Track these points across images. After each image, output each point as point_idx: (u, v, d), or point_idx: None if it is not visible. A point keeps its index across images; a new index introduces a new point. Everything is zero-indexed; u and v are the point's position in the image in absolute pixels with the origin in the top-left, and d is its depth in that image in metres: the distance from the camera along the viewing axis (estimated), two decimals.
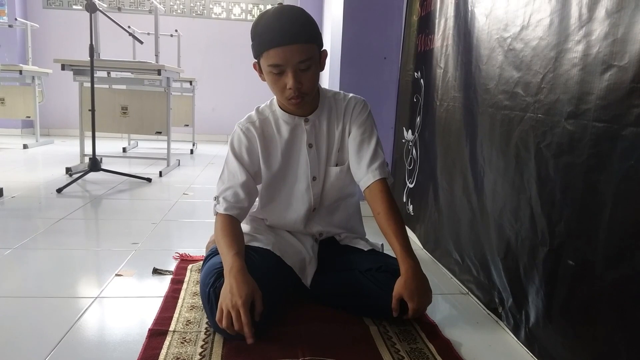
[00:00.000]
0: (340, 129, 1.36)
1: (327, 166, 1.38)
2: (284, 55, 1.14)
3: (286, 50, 1.14)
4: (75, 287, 1.49)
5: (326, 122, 1.35)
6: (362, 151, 1.33)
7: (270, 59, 1.16)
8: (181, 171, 3.77)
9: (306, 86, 1.20)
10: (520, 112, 1.22)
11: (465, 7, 1.60)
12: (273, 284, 1.22)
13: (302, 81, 1.19)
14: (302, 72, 1.18)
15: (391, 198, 1.30)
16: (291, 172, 1.37)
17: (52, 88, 5.45)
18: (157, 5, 4.13)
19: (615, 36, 0.89)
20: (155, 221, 2.24)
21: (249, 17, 6.06)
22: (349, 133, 1.36)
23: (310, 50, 1.17)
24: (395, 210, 1.29)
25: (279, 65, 1.16)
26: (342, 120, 1.36)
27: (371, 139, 1.34)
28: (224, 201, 1.28)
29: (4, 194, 2.59)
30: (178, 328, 1.20)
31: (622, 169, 0.87)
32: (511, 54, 1.28)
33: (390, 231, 1.25)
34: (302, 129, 1.33)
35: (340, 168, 1.38)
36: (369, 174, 1.31)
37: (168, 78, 3.62)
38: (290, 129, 1.33)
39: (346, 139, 1.36)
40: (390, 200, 1.30)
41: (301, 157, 1.35)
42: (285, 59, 1.15)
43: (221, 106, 5.89)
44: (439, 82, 1.84)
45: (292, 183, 1.37)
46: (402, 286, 1.19)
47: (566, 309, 1.04)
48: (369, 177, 1.31)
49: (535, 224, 1.15)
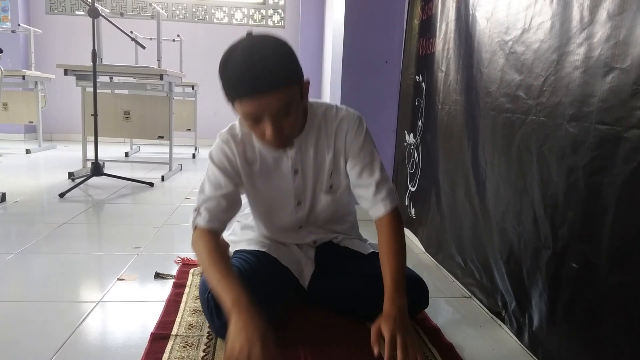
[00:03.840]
0: (332, 153, 1.24)
1: (317, 191, 1.29)
2: (259, 106, 1.00)
3: (261, 100, 0.99)
4: (77, 292, 1.49)
5: (314, 145, 1.23)
6: (365, 179, 1.22)
7: (244, 108, 1.02)
8: (183, 175, 3.77)
9: (288, 130, 1.06)
10: (522, 115, 1.22)
11: (467, 11, 1.60)
12: (272, 287, 1.21)
13: (284, 126, 1.04)
14: (283, 118, 1.03)
15: (399, 230, 1.21)
16: (273, 196, 1.28)
17: (55, 93, 5.47)
18: (159, 11, 4.14)
19: (617, 39, 0.89)
20: (157, 225, 2.25)
21: (250, 22, 6.08)
22: (345, 159, 1.24)
23: (290, 93, 1.02)
24: (399, 245, 1.18)
25: (253, 114, 1.02)
26: (333, 144, 1.23)
27: (373, 164, 1.23)
28: (206, 212, 1.16)
29: (6, 199, 2.59)
30: (180, 332, 1.20)
31: (625, 172, 0.86)
32: (512, 57, 1.28)
33: (387, 266, 1.15)
34: (286, 154, 1.22)
35: (332, 196, 1.30)
36: (378, 204, 1.21)
37: (170, 83, 3.63)
38: (273, 152, 1.21)
39: (341, 163, 1.25)
40: (397, 232, 1.20)
41: (285, 183, 1.26)
42: (261, 109, 1.00)
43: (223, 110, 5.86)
44: (440, 86, 1.85)
45: (274, 205, 1.30)
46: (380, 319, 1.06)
47: (570, 313, 1.04)
48: (378, 207, 1.21)
49: (538, 227, 1.15)
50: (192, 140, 5.29)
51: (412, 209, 2.19)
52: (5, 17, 5.55)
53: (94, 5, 2.90)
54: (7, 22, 5.51)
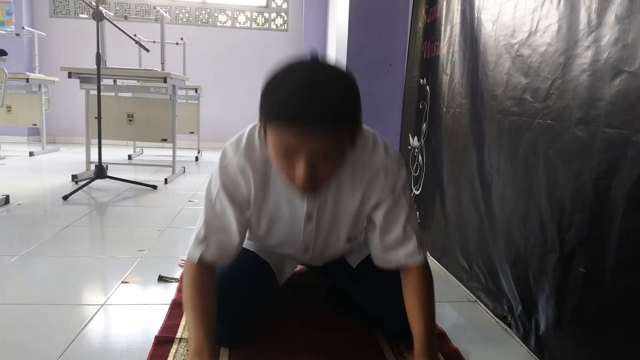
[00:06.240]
0: (357, 204, 1.07)
1: (330, 241, 1.15)
2: (301, 139, 0.82)
3: (306, 133, 0.82)
4: (81, 295, 1.49)
5: (335, 190, 1.05)
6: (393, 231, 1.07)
7: (281, 136, 0.84)
8: (186, 178, 3.77)
9: (323, 178, 0.90)
10: (528, 119, 1.21)
11: (472, 14, 1.60)
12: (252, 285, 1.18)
13: (319, 172, 0.87)
14: (321, 162, 0.86)
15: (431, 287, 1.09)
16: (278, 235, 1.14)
17: (58, 96, 5.48)
18: (163, 14, 4.15)
19: (625, 41, 0.88)
20: (160, 228, 2.24)
21: (253, 25, 6.09)
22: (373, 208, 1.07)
23: (341, 137, 0.87)
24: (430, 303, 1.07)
25: (291, 147, 0.84)
26: (362, 191, 1.05)
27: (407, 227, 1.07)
28: (217, 247, 1.04)
29: (10, 202, 2.59)
30: (184, 336, 1.19)
31: (633, 175, 0.86)
32: (519, 60, 1.28)
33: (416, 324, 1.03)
34: (301, 197, 1.05)
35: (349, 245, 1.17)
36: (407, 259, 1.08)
37: (174, 86, 3.63)
38: (287, 191, 1.05)
39: (364, 214, 1.09)
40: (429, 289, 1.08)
41: (295, 227, 1.10)
42: (302, 144, 0.83)
43: (226, 113, 5.89)
44: (445, 89, 1.84)
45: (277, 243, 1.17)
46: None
47: (577, 317, 1.03)
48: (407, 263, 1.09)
49: (545, 231, 1.14)
50: (195, 143, 5.30)
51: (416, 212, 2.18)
52: (10, 20, 5.57)
53: (99, 8, 2.91)
54: (11, 25, 5.53)
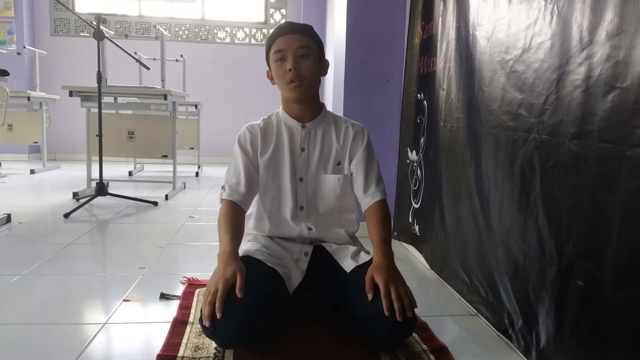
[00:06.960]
0: (338, 147, 1.48)
1: (322, 173, 1.47)
2: (285, 42, 1.35)
3: (287, 38, 1.36)
4: (82, 314, 1.49)
5: (322, 132, 1.48)
6: (363, 177, 1.45)
7: (274, 48, 1.37)
8: (187, 194, 3.78)
9: (304, 71, 1.35)
10: (524, 133, 1.23)
11: (467, 30, 1.62)
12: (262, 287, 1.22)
13: (301, 66, 1.35)
14: (301, 59, 1.35)
15: (387, 214, 1.44)
16: (280, 170, 1.47)
17: (59, 113, 5.52)
18: (162, 32, 4.20)
19: (616, 58, 0.90)
20: (162, 245, 2.25)
21: (252, 42, 6.16)
22: (350, 159, 1.48)
23: (310, 43, 1.37)
24: (386, 219, 1.42)
25: (281, 51, 1.35)
26: (341, 142, 1.48)
27: (373, 164, 1.48)
28: (229, 188, 1.42)
29: (12, 220, 2.60)
30: (186, 354, 1.19)
31: (628, 189, 0.87)
32: (513, 75, 1.30)
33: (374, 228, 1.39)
34: (297, 132, 1.46)
35: (338, 177, 1.47)
36: (368, 197, 1.44)
37: (174, 102, 3.66)
38: (288, 132, 1.47)
39: (345, 161, 1.48)
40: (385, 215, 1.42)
41: (291, 158, 1.46)
42: (286, 45, 1.35)
43: (226, 129, 5.93)
44: (442, 104, 1.86)
45: (280, 179, 1.47)
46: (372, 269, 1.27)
47: (577, 330, 1.03)
48: (368, 199, 1.44)
49: (543, 245, 1.15)
50: (195, 158, 5.32)
51: (416, 225, 2.19)
52: (11, 40, 5.63)
53: (99, 27, 2.94)
54: (12, 44, 5.59)
